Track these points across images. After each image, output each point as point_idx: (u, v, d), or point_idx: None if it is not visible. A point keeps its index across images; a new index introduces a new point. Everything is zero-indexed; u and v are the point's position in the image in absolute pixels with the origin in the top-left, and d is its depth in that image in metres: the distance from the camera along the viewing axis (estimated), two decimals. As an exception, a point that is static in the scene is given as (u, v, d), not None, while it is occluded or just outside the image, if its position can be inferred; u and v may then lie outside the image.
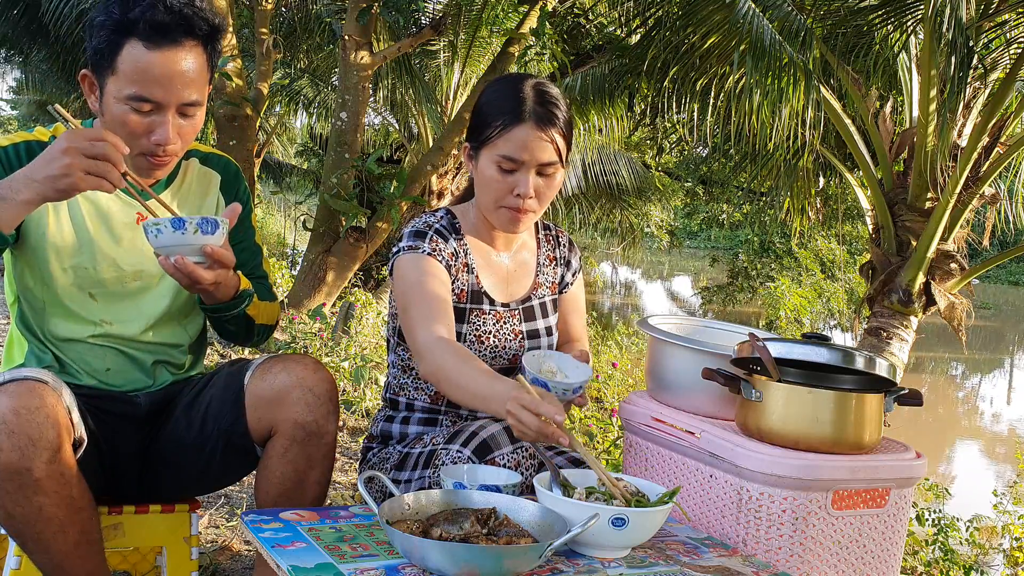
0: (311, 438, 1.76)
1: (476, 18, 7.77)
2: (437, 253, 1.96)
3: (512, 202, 1.92)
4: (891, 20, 5.06)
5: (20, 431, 1.50)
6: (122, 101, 1.69)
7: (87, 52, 1.74)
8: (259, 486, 1.81)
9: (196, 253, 1.64)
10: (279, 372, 1.77)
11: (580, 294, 2.22)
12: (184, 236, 1.62)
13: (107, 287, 1.83)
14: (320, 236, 7.21)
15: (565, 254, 2.18)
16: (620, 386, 6.22)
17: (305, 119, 14.03)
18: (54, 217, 1.79)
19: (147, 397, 1.90)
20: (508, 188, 1.91)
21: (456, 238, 2.01)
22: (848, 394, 1.81)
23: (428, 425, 2.04)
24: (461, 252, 2.01)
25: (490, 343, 2.01)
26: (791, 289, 13.17)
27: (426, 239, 1.97)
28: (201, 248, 1.64)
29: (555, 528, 1.49)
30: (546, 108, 1.90)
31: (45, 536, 1.57)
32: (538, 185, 1.92)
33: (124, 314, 1.86)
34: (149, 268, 1.85)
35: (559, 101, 1.94)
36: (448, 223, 2.03)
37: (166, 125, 1.72)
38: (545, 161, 1.90)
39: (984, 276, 23.32)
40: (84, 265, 1.81)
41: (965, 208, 4.97)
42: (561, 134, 1.91)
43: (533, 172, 1.91)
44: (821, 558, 1.79)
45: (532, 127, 1.88)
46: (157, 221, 1.62)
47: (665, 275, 25.97)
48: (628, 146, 12.42)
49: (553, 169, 1.92)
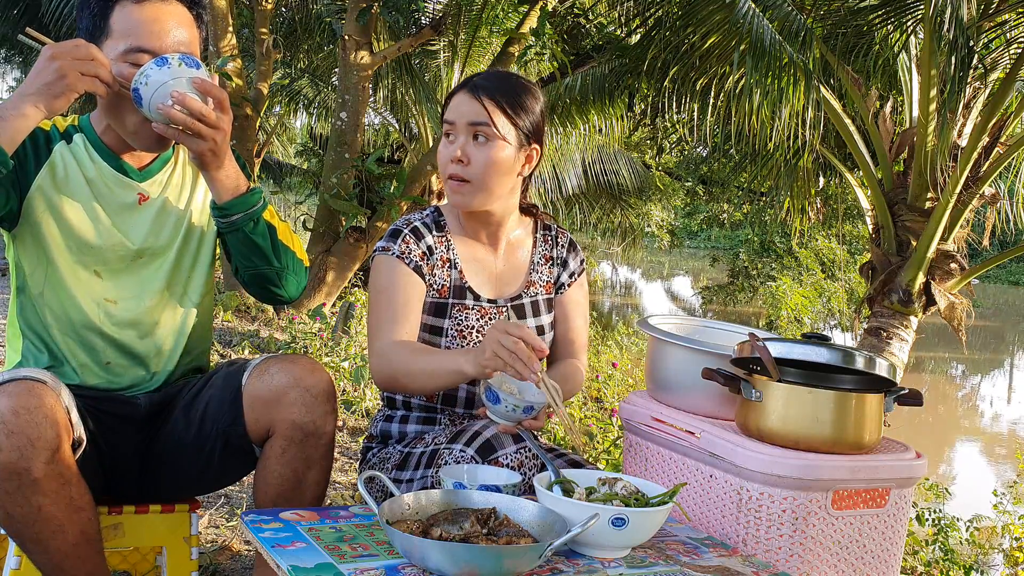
0: (309, 438, 1.76)
1: (476, 18, 7.77)
2: (406, 255, 1.98)
3: (449, 169, 1.97)
4: (891, 20, 5.06)
5: (19, 431, 1.50)
6: (120, 59, 1.71)
7: (80, 33, 1.77)
8: (257, 487, 1.81)
9: (187, 87, 1.65)
10: (276, 372, 1.77)
11: (579, 297, 2.20)
12: (170, 69, 1.64)
13: (113, 264, 1.85)
14: (320, 236, 7.21)
15: (562, 254, 2.17)
16: (620, 386, 6.21)
17: (305, 119, 14.04)
18: (58, 198, 1.80)
19: (147, 398, 1.90)
20: (448, 156, 1.97)
21: (437, 235, 2.03)
22: (848, 394, 1.81)
23: (427, 424, 2.05)
24: (442, 248, 2.03)
25: (473, 339, 2.01)
26: (792, 288, 13.17)
27: (398, 239, 2.00)
28: (191, 80, 1.65)
29: (555, 528, 1.49)
30: (483, 79, 1.98)
31: (44, 536, 1.57)
32: (470, 150, 1.95)
33: (128, 290, 1.86)
34: (153, 244, 1.87)
35: (508, 80, 2.00)
36: (432, 220, 2.05)
37: None
38: (471, 120, 1.94)
39: (984, 276, 23.32)
40: (90, 243, 1.82)
41: (965, 208, 4.97)
42: (494, 102, 1.94)
43: (468, 137, 1.95)
44: (821, 558, 1.79)
45: (465, 92, 1.97)
46: (139, 72, 1.64)
47: (665, 275, 25.97)
48: (628, 146, 12.43)
49: (484, 132, 1.94)
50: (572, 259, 2.19)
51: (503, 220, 2.06)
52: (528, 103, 1.99)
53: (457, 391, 2.04)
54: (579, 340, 2.17)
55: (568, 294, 2.17)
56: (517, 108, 1.97)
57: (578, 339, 2.17)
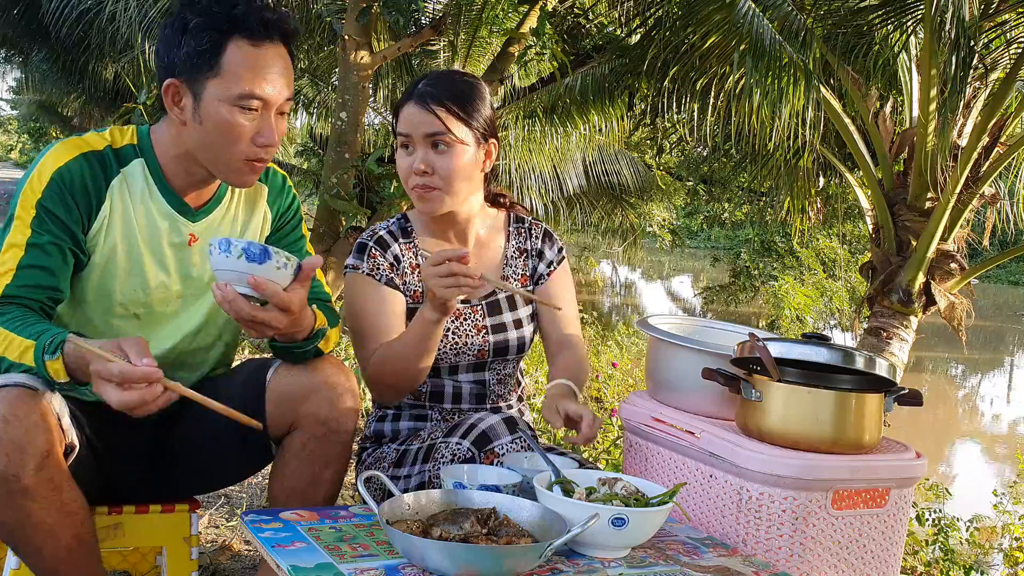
0: (330, 435, 1.76)
1: (476, 18, 7.76)
2: (375, 272, 2.00)
3: (413, 180, 1.98)
4: (891, 20, 5.05)
5: (8, 438, 1.48)
6: (229, 102, 1.65)
7: (173, 60, 1.67)
8: (273, 481, 1.81)
9: (240, 283, 1.54)
10: (304, 369, 1.77)
11: (562, 285, 2.19)
12: (228, 260, 1.52)
13: (155, 308, 1.80)
14: (320, 236, 7.20)
15: (537, 245, 2.18)
16: (620, 386, 6.22)
17: (305, 119, 14.03)
18: (107, 246, 1.73)
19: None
20: (408, 167, 1.98)
21: (404, 242, 2.05)
22: (848, 394, 1.81)
23: (419, 420, 2.07)
24: (409, 254, 2.05)
25: (450, 340, 2.03)
26: (795, 288, 13.16)
27: (365, 255, 2.02)
28: (246, 278, 1.52)
29: (555, 528, 1.49)
30: (430, 87, 1.97)
31: (36, 542, 1.57)
32: (432, 160, 1.95)
33: (166, 330, 1.83)
34: (198, 286, 1.82)
35: (453, 82, 1.99)
36: (398, 227, 2.08)
37: (271, 124, 1.69)
38: (428, 132, 1.94)
39: (984, 276, 23.29)
40: (134, 288, 1.77)
41: (965, 208, 4.96)
42: (446, 109, 1.94)
43: (426, 147, 1.95)
44: (821, 558, 1.79)
45: (413, 103, 1.96)
46: (214, 240, 1.54)
47: (666, 275, 25.95)
48: (629, 146, 12.42)
49: (443, 141, 1.95)
50: (548, 249, 2.19)
51: (469, 217, 2.09)
52: (477, 102, 2.00)
53: (443, 387, 2.06)
54: (569, 329, 2.16)
55: (548, 284, 2.17)
56: (469, 110, 1.98)
57: (568, 327, 2.16)
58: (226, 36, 1.65)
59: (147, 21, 7.69)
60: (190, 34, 1.66)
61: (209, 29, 1.65)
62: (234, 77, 1.65)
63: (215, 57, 1.65)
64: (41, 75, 15.81)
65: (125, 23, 7.80)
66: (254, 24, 1.66)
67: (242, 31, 1.65)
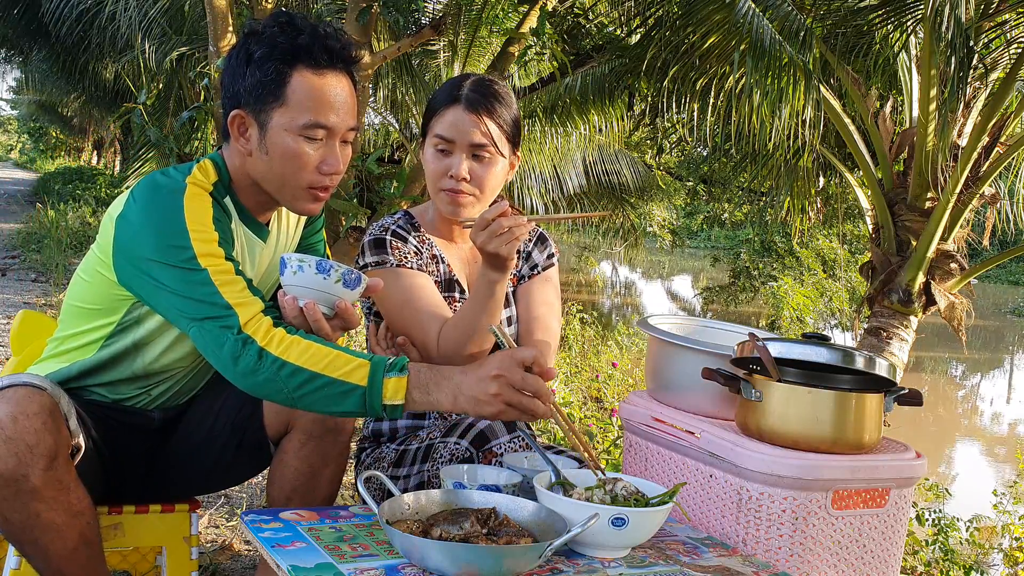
0: (328, 434, 1.77)
1: (476, 18, 7.77)
2: (404, 260, 1.99)
3: (448, 184, 1.97)
4: (891, 20, 5.06)
5: (17, 437, 1.49)
6: (295, 132, 1.65)
7: (238, 90, 1.67)
8: (272, 481, 1.82)
9: (328, 304, 1.58)
10: None
11: (539, 290, 2.14)
12: (325, 282, 1.56)
13: None
14: (320, 236, 7.20)
15: (527, 247, 2.18)
16: (620, 386, 6.22)
17: (305, 119, 14.01)
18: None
19: (162, 413, 1.90)
20: (444, 170, 1.97)
21: (416, 235, 2.05)
22: (848, 394, 1.81)
23: (417, 418, 2.07)
24: (425, 246, 2.05)
25: None
26: (795, 288, 13.16)
27: (387, 248, 2.00)
28: (335, 301, 1.58)
29: (555, 528, 1.49)
30: (478, 94, 1.96)
31: (42, 542, 1.57)
32: (472, 168, 1.95)
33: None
34: None
35: (498, 93, 1.99)
36: (406, 222, 2.07)
37: (336, 153, 1.70)
38: (474, 142, 1.94)
39: (984, 276, 23.31)
40: None
41: (965, 208, 4.97)
42: (494, 121, 1.95)
43: (466, 155, 1.95)
44: (821, 558, 1.79)
45: (462, 108, 1.95)
46: (303, 258, 1.57)
47: (666, 275, 25.95)
48: (628, 146, 12.42)
49: (486, 154, 1.95)
50: (537, 252, 2.18)
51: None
52: (516, 115, 2.02)
53: None
54: (541, 335, 2.07)
55: (528, 286, 2.13)
56: (512, 125, 2.00)
57: (539, 333, 2.07)
58: (291, 66, 1.65)
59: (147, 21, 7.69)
60: (255, 65, 1.66)
61: (274, 60, 1.65)
62: (299, 107, 1.65)
63: (280, 87, 1.65)
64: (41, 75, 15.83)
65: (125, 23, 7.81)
66: (318, 53, 1.66)
67: (306, 60, 1.65)
